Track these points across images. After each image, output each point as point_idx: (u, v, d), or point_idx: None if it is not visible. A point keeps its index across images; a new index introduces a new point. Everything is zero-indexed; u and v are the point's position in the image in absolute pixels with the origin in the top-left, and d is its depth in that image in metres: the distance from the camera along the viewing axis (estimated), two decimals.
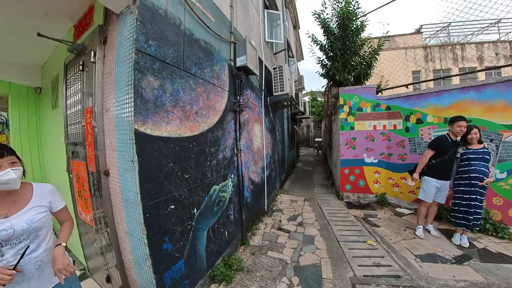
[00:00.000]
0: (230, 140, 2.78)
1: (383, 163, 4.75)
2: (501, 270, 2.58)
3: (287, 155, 7.40)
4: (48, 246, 1.30)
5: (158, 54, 1.69)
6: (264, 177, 4.14)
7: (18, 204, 1.20)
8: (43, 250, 1.26)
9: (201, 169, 2.16)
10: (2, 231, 1.09)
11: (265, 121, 4.28)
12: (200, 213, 2.14)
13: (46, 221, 1.28)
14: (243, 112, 3.15)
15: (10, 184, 1.12)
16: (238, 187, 3.00)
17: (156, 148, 1.67)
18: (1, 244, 1.10)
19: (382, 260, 2.79)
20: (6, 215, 1.14)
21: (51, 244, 1.32)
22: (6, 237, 1.10)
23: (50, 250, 1.29)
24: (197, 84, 2.12)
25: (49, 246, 1.30)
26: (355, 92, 4.88)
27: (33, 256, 1.20)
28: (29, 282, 1.19)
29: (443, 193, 3.24)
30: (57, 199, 1.37)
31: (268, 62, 4.70)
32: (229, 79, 2.79)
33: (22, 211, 1.19)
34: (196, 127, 2.09)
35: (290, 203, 5.01)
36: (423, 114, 4.17)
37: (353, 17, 5.19)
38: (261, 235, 3.47)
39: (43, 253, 1.25)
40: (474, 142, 3.01)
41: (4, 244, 1.11)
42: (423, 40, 12.76)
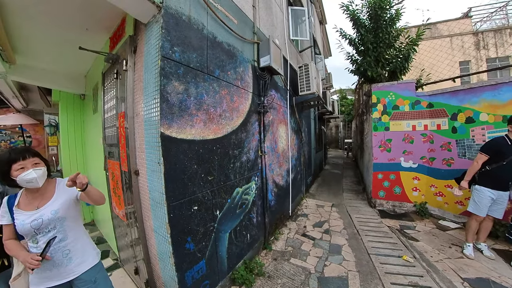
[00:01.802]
0: (254, 142, 2.75)
1: (424, 168, 4.24)
2: None
3: (313, 157, 7.13)
4: (76, 236, 1.44)
5: (182, 59, 1.73)
6: (289, 180, 4.03)
7: (46, 197, 1.38)
8: (71, 240, 1.40)
9: (224, 171, 2.16)
10: (33, 221, 1.28)
11: (290, 122, 4.16)
12: (222, 215, 2.14)
13: (70, 211, 1.42)
14: (268, 113, 3.09)
15: (33, 182, 1.27)
16: (261, 190, 2.96)
17: (180, 150, 1.71)
18: (35, 232, 1.28)
19: (420, 280, 2.47)
20: (37, 207, 1.33)
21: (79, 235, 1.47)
22: (37, 226, 1.28)
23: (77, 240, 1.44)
24: (220, 86, 2.13)
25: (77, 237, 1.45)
26: (390, 88, 4.46)
27: (61, 245, 1.36)
28: (59, 269, 1.34)
29: (500, 206, 2.74)
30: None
31: (293, 60, 4.57)
32: (253, 80, 2.76)
33: (48, 203, 1.36)
34: (220, 129, 2.10)
35: (316, 208, 4.79)
36: (475, 112, 3.61)
37: (387, 6, 4.77)
38: (284, 240, 3.37)
39: (71, 243, 1.40)
40: None
41: (37, 233, 1.29)
42: (472, 25, 11.01)
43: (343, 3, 5.36)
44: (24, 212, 1.29)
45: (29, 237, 1.29)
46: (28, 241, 1.30)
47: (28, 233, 1.27)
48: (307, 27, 4.73)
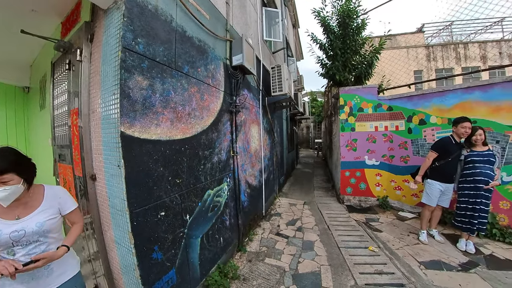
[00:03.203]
0: (225, 142, 2.67)
1: (385, 165, 4.63)
2: (510, 278, 2.45)
3: (286, 157, 7.28)
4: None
5: (147, 52, 1.59)
6: (262, 180, 4.03)
7: (30, 206, 1.23)
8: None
9: (194, 173, 2.05)
10: (13, 232, 1.13)
11: (263, 122, 4.17)
12: (193, 219, 2.03)
13: (56, 224, 1.29)
14: (240, 113, 3.04)
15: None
16: (234, 191, 2.89)
17: (144, 151, 1.56)
18: (12, 244, 1.13)
19: (384, 267, 2.68)
20: (18, 217, 1.18)
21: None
22: (17, 238, 1.14)
23: None
24: (190, 84, 2.01)
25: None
26: (356, 92, 4.77)
27: None
28: (38, 281, 1.22)
29: (447, 196, 3.13)
30: (67, 202, 1.36)
31: (266, 61, 4.60)
32: (225, 79, 2.69)
33: (33, 213, 1.22)
34: (189, 129, 1.98)
35: (289, 206, 4.89)
36: (426, 115, 4.06)
37: (354, 15, 5.09)
38: (259, 240, 3.36)
39: None
40: (479, 144, 2.91)
41: (15, 244, 1.15)
42: (425, 39, 12.68)
43: (315, 8, 5.58)
44: (2, 221, 1.13)
45: (3, 247, 1.12)
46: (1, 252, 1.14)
47: (4, 244, 1.11)
48: (280, 29, 4.80)
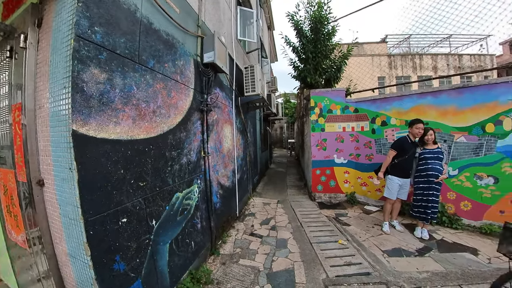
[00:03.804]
0: (195, 143, 2.56)
1: (352, 163, 4.93)
2: (456, 258, 2.80)
3: (259, 156, 7.33)
4: None
5: (106, 43, 1.44)
6: (235, 181, 3.98)
7: None
8: None
9: (160, 175, 1.92)
10: None
11: (236, 122, 4.12)
12: (160, 224, 1.90)
13: None
14: (212, 112, 2.96)
15: None
16: (205, 193, 2.79)
17: (101, 152, 1.41)
18: None
19: (353, 258, 2.84)
20: None
21: None
22: None
23: None
24: (155, 79, 1.89)
25: None
26: (326, 94, 4.99)
27: None
28: None
29: (404, 190, 3.45)
30: None
31: (239, 61, 4.57)
32: (195, 76, 2.59)
33: None
34: (154, 128, 1.85)
35: (263, 206, 4.92)
36: (387, 117, 4.42)
37: (325, 22, 5.32)
38: (233, 242, 3.30)
39: None
40: (430, 142, 3.25)
41: None
42: (388, 49, 14.12)
43: (289, 12, 5.71)
44: None
45: None
46: None
47: None
48: (254, 29, 4.80)
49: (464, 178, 3.61)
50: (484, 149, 3.44)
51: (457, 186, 3.67)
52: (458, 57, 13.67)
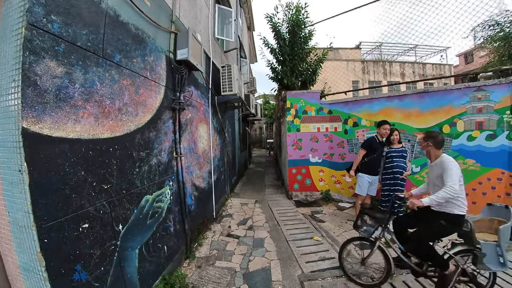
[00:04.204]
0: (167, 143, 2.45)
1: (326, 162, 5.13)
2: None
3: (238, 157, 7.29)
4: None
5: (64, 34, 1.32)
6: (211, 182, 3.90)
7: None
8: None
9: (127, 177, 1.80)
10: None
11: (212, 122, 4.05)
12: (127, 229, 1.79)
13: None
14: (185, 111, 2.86)
15: None
16: (178, 195, 2.69)
17: (58, 153, 1.28)
18: None
19: (327, 253, 2.94)
20: None
21: None
22: None
23: None
24: (122, 75, 1.77)
25: None
26: (301, 96, 5.14)
27: None
28: None
29: (374, 186, 3.68)
30: None
31: (217, 59, 4.50)
32: (167, 73, 2.48)
33: None
34: (119, 127, 1.73)
35: (241, 206, 4.90)
36: (359, 118, 4.68)
37: (302, 25, 5.47)
38: (209, 244, 3.23)
39: None
40: (395, 142, 3.51)
41: None
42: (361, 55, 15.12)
43: (268, 13, 5.77)
44: None
45: None
46: None
47: None
48: (233, 29, 4.77)
49: (425, 174, 3.94)
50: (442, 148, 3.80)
51: (420, 182, 3.99)
52: (422, 66, 15.27)
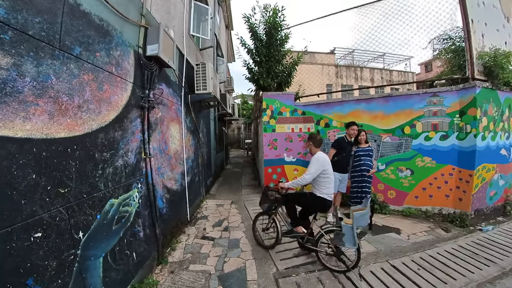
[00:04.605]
0: (134, 143, 2.31)
1: (300, 161, 5.30)
2: (385, 239, 3.32)
3: (214, 157, 7.17)
4: None
5: (12, 20, 1.17)
6: (184, 184, 3.77)
7: None
8: None
9: (88, 180, 1.66)
10: None
11: (185, 121, 3.92)
12: (89, 236, 1.65)
13: None
14: (155, 109, 2.72)
15: None
16: (148, 198, 2.55)
17: (3, 154, 1.14)
18: None
19: (300, 250, 3.01)
20: None
21: None
22: None
23: None
24: (82, 69, 1.63)
25: None
26: (277, 97, 5.24)
27: None
28: None
29: (343, 184, 3.90)
30: None
31: (191, 57, 4.38)
32: (136, 69, 2.34)
33: None
34: (79, 125, 1.59)
35: (216, 208, 4.82)
36: (330, 120, 4.93)
37: (279, 28, 5.56)
38: (183, 248, 3.13)
39: None
40: (363, 142, 3.77)
41: None
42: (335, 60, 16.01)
43: (245, 13, 5.75)
44: None
45: None
46: None
47: None
48: (209, 26, 4.66)
49: (390, 171, 4.30)
50: (403, 147, 4.18)
51: (384, 178, 4.34)
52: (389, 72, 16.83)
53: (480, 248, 2.99)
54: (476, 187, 3.66)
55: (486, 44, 4.02)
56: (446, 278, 2.41)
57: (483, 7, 4.15)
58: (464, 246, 3.07)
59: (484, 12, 4.15)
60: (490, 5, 4.30)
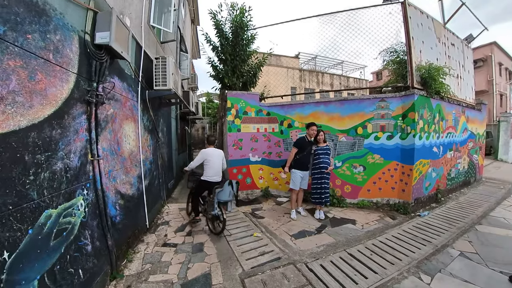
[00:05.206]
0: (78, 143, 1.99)
1: (265, 161, 5.40)
2: (342, 230, 3.59)
3: (176, 159, 6.76)
4: None
5: None
6: (142, 188, 3.44)
7: None
8: None
9: (15, 187, 1.35)
10: None
11: (142, 119, 3.57)
12: (18, 257, 1.35)
13: None
14: (105, 105, 2.39)
15: None
16: (97, 206, 2.23)
17: None
18: None
19: (266, 247, 3.07)
20: None
21: None
22: None
23: None
24: (6, 53, 1.32)
25: None
26: (242, 97, 5.22)
27: None
28: None
29: (305, 181, 4.11)
30: None
31: (151, 50, 4.03)
32: (81, 58, 2.02)
33: None
34: (2, 121, 1.29)
35: (179, 212, 4.54)
36: (292, 120, 5.14)
37: (245, 28, 5.52)
38: (141, 258, 2.85)
39: None
40: (321, 141, 4.03)
41: None
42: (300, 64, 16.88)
43: (211, 9, 5.54)
44: None
45: None
46: None
47: None
48: (172, 18, 4.32)
49: (345, 168, 4.68)
50: (357, 146, 4.61)
51: (341, 174, 4.71)
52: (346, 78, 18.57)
53: (419, 231, 3.48)
54: (415, 179, 4.25)
55: (423, 58, 4.72)
56: (394, 260, 2.74)
57: (421, 27, 4.88)
58: (407, 230, 3.53)
59: (422, 32, 4.87)
60: (426, 26, 5.07)
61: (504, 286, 2.29)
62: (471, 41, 6.84)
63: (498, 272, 2.49)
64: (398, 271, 2.54)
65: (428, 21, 5.14)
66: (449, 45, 5.80)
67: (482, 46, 15.58)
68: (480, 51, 15.47)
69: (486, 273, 2.50)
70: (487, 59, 15.76)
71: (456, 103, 5.53)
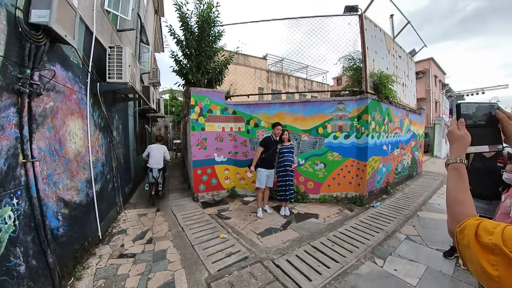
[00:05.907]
0: (5, 141, 1.65)
1: (231, 161, 5.33)
2: (306, 224, 3.76)
3: (134, 160, 6.17)
4: None
5: None
6: (92, 193, 3.03)
7: None
8: None
9: None
10: None
11: (92, 115, 3.14)
12: None
13: None
14: (43, 97, 2.02)
15: None
16: (32, 217, 1.86)
17: None
18: None
19: (233, 248, 3.02)
20: None
21: None
22: None
23: None
24: None
25: None
26: (206, 94, 5.05)
27: None
28: None
29: (270, 179, 4.20)
30: None
31: (105, 37, 3.58)
32: (8, 38, 1.66)
33: None
34: None
35: (138, 218, 4.15)
36: (259, 120, 5.20)
37: (212, 23, 5.33)
38: (92, 274, 2.50)
39: None
40: (286, 140, 4.18)
41: None
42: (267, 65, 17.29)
43: (177, 0, 5.18)
44: None
45: None
46: None
47: None
48: (131, 5, 3.88)
49: (308, 165, 4.93)
50: (318, 144, 4.90)
51: (304, 171, 4.94)
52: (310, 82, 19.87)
53: (373, 220, 3.89)
54: (368, 174, 4.72)
55: (376, 67, 5.29)
56: (352, 248, 3.00)
57: (375, 39, 5.47)
58: (363, 220, 3.91)
59: (375, 43, 5.46)
60: (379, 39, 5.70)
61: (440, 260, 2.75)
62: (414, 54, 8.05)
63: (435, 250, 2.97)
64: (356, 258, 2.78)
65: (381, 34, 5.79)
66: (397, 56, 6.65)
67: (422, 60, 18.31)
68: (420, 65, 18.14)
69: (426, 251, 2.95)
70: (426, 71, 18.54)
71: (401, 107, 6.34)
